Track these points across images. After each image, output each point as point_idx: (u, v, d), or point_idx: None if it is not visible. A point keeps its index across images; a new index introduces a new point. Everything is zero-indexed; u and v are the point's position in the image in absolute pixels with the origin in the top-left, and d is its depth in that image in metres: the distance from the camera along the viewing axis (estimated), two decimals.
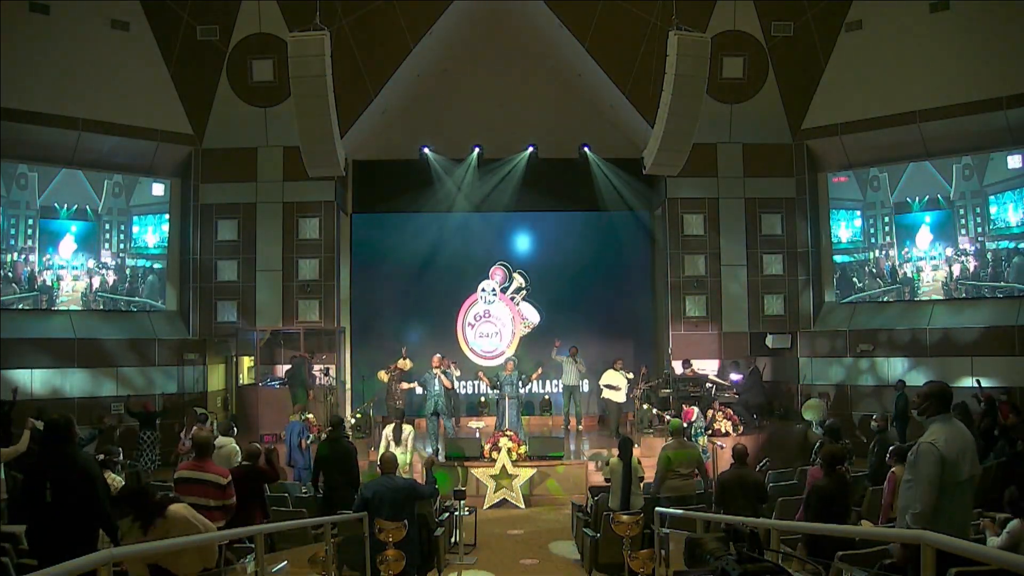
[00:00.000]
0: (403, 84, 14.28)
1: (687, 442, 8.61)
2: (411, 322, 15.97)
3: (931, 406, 4.22)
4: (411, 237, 16.21)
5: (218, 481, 6.05)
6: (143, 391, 13.71)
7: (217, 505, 5.99)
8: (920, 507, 3.97)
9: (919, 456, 4.07)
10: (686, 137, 11.69)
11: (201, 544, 4.56)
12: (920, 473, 4.02)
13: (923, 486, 3.99)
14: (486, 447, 11.28)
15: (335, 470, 8.05)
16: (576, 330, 15.32)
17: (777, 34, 14.19)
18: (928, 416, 4.22)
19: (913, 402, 4.40)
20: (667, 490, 8.04)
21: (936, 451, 4.00)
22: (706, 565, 3.07)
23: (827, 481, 5.98)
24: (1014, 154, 12.96)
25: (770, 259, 15.01)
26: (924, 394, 4.28)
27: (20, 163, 13.16)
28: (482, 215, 16.22)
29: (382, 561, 5.63)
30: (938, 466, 3.97)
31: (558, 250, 16.45)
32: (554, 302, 16.07)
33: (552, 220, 16.58)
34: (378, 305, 16.07)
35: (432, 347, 14.16)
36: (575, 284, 16.12)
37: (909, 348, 13.72)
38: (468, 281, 16.18)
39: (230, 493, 6.09)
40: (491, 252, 16.34)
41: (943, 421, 4.16)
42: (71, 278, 13.76)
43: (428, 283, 16.10)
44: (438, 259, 16.17)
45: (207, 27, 13.84)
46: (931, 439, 4.08)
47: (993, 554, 2.74)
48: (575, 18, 13.61)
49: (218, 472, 6.14)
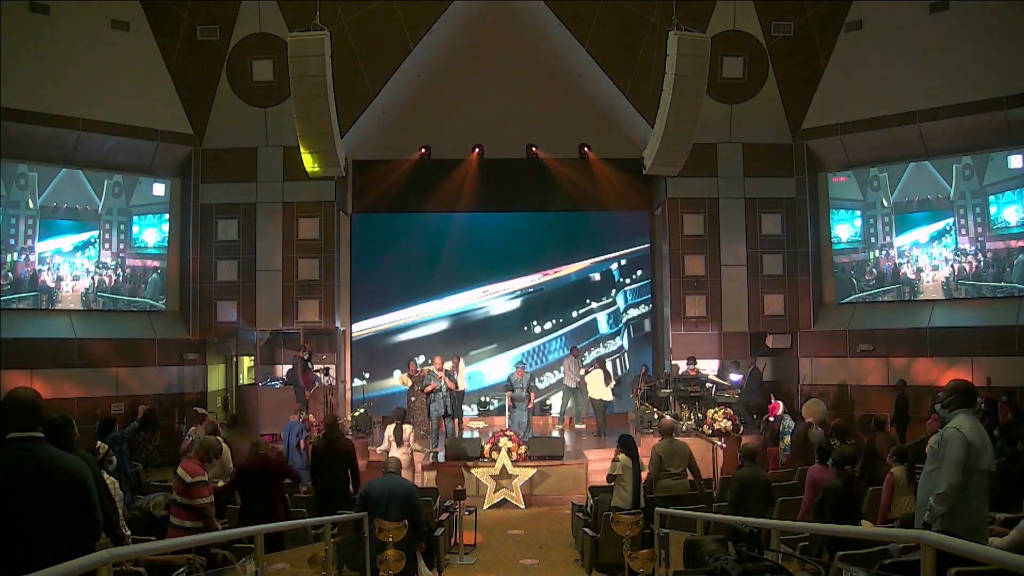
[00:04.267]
0: (403, 84, 14.28)
1: (677, 440, 8.56)
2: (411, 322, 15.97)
3: (955, 400, 4.42)
4: (411, 237, 16.21)
5: (183, 478, 6.13)
6: (143, 392, 13.71)
7: (182, 503, 6.04)
8: (945, 486, 4.15)
9: (945, 441, 4.26)
10: (686, 137, 11.69)
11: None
12: (946, 457, 4.21)
13: (949, 467, 4.18)
14: (486, 447, 11.29)
15: (333, 468, 8.08)
16: (576, 330, 15.33)
17: (777, 34, 14.19)
18: (951, 410, 4.41)
19: (938, 396, 4.59)
20: (660, 490, 8.01)
21: (962, 435, 4.21)
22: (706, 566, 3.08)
23: (840, 482, 6.00)
24: (1014, 154, 12.96)
25: (770, 259, 15.00)
26: (950, 389, 4.48)
27: (20, 163, 13.15)
28: (482, 215, 16.21)
29: (382, 561, 5.63)
30: (964, 449, 4.17)
31: (558, 250, 16.45)
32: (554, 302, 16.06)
33: (552, 220, 16.57)
34: (378, 305, 16.07)
35: (432, 348, 14.17)
36: (575, 284, 16.12)
37: (909, 348, 13.72)
38: (468, 281, 16.17)
39: (194, 493, 6.08)
40: (491, 252, 16.33)
41: (966, 414, 4.36)
42: (71, 278, 13.76)
43: (428, 283, 16.10)
44: (438, 259, 16.18)
45: (207, 27, 13.84)
46: (956, 425, 4.28)
47: (993, 554, 2.74)
48: (575, 18, 13.60)
49: (186, 469, 6.19)
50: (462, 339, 16.11)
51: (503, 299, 16.36)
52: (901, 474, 6.50)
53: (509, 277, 16.37)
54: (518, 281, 16.28)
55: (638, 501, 7.62)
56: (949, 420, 4.39)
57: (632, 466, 7.71)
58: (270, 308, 14.63)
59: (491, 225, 16.44)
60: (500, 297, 16.37)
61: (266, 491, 6.84)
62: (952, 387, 4.49)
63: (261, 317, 14.57)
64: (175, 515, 6.12)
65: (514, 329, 16.32)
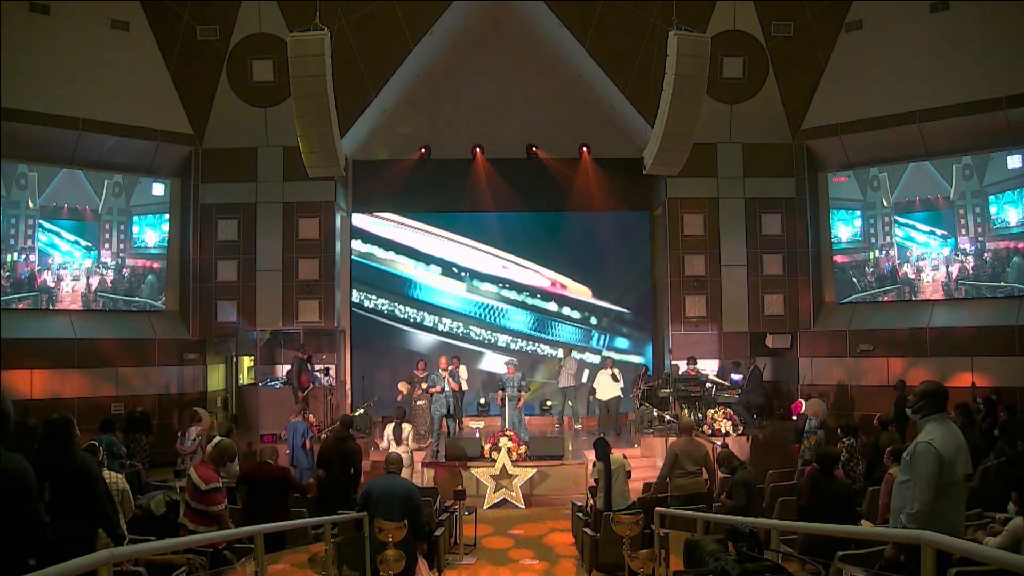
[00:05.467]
0: (403, 84, 14.28)
1: (695, 440, 8.58)
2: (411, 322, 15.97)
3: (926, 405, 4.19)
4: (411, 237, 16.20)
5: (198, 484, 6.09)
6: (143, 392, 13.71)
7: (196, 508, 6.00)
8: (918, 506, 3.96)
9: (916, 455, 4.05)
10: (686, 137, 11.67)
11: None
12: (918, 472, 4.01)
13: (920, 485, 3.98)
14: (486, 447, 11.28)
15: (339, 468, 8.09)
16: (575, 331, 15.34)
17: (777, 34, 14.19)
18: (923, 415, 4.19)
19: (908, 401, 4.34)
20: (675, 488, 8.04)
21: (934, 450, 3.99)
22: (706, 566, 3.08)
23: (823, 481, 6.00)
24: (1014, 154, 12.97)
25: (770, 259, 15.00)
26: (920, 393, 4.25)
27: (20, 163, 13.16)
28: (482, 215, 16.22)
29: (382, 561, 5.63)
30: (936, 465, 3.97)
31: (558, 250, 16.45)
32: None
33: (552, 220, 16.58)
34: (378, 305, 16.06)
35: (432, 348, 14.16)
36: (574, 284, 16.13)
37: (909, 348, 13.72)
38: (468, 281, 16.16)
39: (209, 500, 6.05)
40: (491, 252, 16.33)
41: (938, 421, 4.15)
42: (71, 278, 13.77)
43: (428, 283, 16.09)
44: (438, 259, 16.17)
45: (207, 27, 13.83)
46: (928, 438, 4.06)
47: (992, 554, 2.74)
48: (575, 18, 13.60)
49: (201, 475, 6.14)
50: (461, 339, 16.11)
51: (504, 298, 16.34)
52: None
53: (509, 275, 16.36)
54: (517, 281, 16.27)
55: (610, 503, 7.66)
56: (921, 427, 4.16)
57: (604, 470, 7.76)
58: (270, 308, 14.63)
59: (491, 225, 16.43)
60: (500, 296, 16.36)
61: (271, 499, 6.83)
62: (923, 391, 4.22)
63: (261, 317, 14.58)
64: (189, 520, 6.07)
65: (514, 329, 16.31)
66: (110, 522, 4.75)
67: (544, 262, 16.42)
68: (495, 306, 16.38)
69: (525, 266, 16.40)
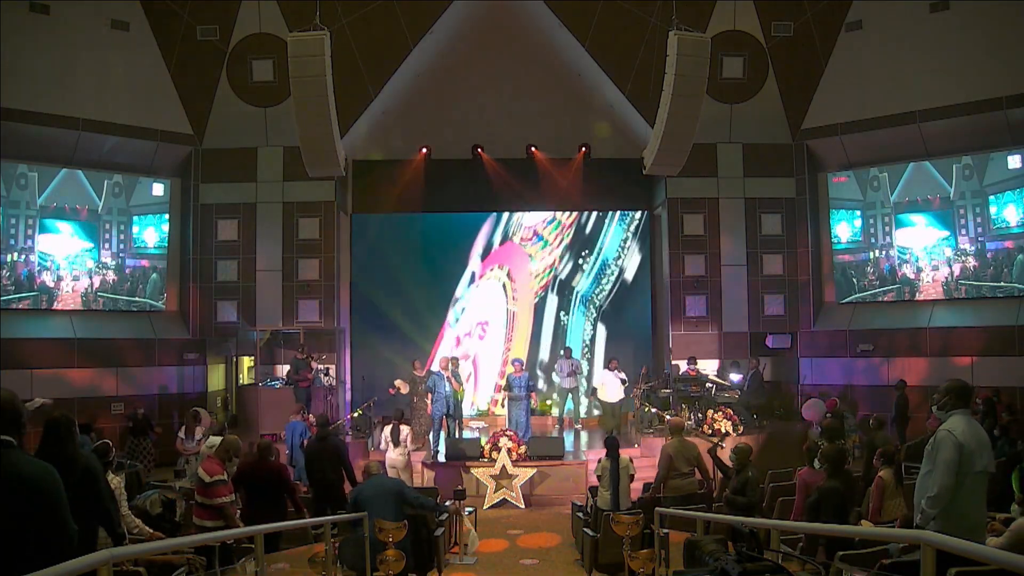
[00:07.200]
0: (403, 84, 14.27)
1: (687, 440, 8.60)
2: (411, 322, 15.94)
3: (950, 401, 4.37)
4: (411, 237, 16.21)
5: (203, 477, 6.22)
6: (143, 392, 13.71)
7: (202, 502, 6.09)
8: (936, 490, 4.12)
9: (937, 443, 4.22)
10: (686, 137, 11.68)
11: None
12: (938, 458, 4.17)
13: (940, 470, 4.14)
14: (486, 447, 11.28)
15: (326, 467, 8.11)
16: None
17: (777, 34, 14.19)
18: (947, 411, 4.36)
19: (933, 397, 4.52)
20: (669, 490, 8.05)
21: (954, 438, 4.16)
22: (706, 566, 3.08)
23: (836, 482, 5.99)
24: (1014, 154, 12.96)
25: (770, 259, 15.00)
26: (945, 390, 4.42)
27: (20, 163, 13.15)
28: (482, 215, 16.21)
29: (382, 561, 5.63)
30: (956, 452, 4.12)
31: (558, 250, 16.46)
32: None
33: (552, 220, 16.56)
34: (378, 305, 16.05)
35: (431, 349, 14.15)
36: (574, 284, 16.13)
37: (909, 348, 13.72)
38: (467, 280, 16.17)
39: (213, 493, 6.14)
40: (490, 252, 16.34)
41: (962, 415, 4.32)
42: (71, 278, 13.76)
43: (428, 283, 16.10)
44: (438, 259, 16.17)
45: (207, 27, 13.83)
46: (949, 427, 4.23)
47: (993, 554, 2.73)
48: (575, 18, 13.60)
49: (206, 469, 6.27)
50: (460, 339, 16.12)
51: (502, 299, 16.34)
52: (889, 477, 6.47)
53: (507, 277, 16.36)
54: (518, 279, 16.27)
55: (617, 503, 7.66)
56: (944, 421, 4.35)
57: (611, 468, 7.76)
58: (270, 308, 14.63)
59: (491, 225, 16.42)
60: (499, 298, 16.35)
61: (269, 494, 6.84)
62: (947, 388, 4.42)
63: (261, 317, 14.57)
64: (197, 516, 6.21)
65: (512, 329, 16.32)
66: (112, 521, 4.75)
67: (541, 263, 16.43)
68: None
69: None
